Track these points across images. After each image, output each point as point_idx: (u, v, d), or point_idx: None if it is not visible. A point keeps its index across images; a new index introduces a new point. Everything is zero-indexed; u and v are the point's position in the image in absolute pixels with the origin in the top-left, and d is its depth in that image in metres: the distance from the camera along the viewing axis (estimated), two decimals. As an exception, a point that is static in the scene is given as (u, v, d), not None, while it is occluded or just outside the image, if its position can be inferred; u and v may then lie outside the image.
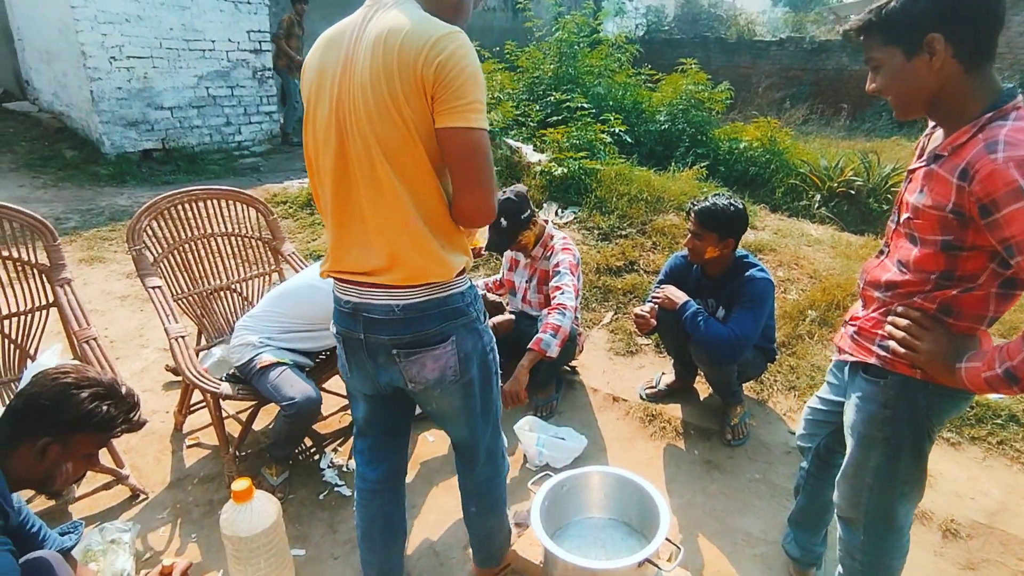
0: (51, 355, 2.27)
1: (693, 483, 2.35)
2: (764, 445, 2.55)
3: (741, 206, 2.32)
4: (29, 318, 2.36)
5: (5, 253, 2.29)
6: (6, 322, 2.32)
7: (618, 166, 4.82)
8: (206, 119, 6.94)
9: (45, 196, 5.58)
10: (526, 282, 2.84)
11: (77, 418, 1.32)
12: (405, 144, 1.19)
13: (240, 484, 1.70)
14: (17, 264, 2.33)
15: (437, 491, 2.31)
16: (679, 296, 2.39)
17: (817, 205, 5.24)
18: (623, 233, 4.10)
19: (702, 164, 5.57)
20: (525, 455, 2.48)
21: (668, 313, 2.42)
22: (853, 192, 5.26)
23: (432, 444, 2.56)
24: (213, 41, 6.79)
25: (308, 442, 2.58)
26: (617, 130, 5.41)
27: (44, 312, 2.39)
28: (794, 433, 2.22)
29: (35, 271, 2.38)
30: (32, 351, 2.37)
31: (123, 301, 3.77)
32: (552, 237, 2.73)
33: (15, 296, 2.33)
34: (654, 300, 2.46)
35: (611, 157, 5.05)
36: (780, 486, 2.32)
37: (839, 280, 3.60)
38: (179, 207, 2.58)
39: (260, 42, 7.20)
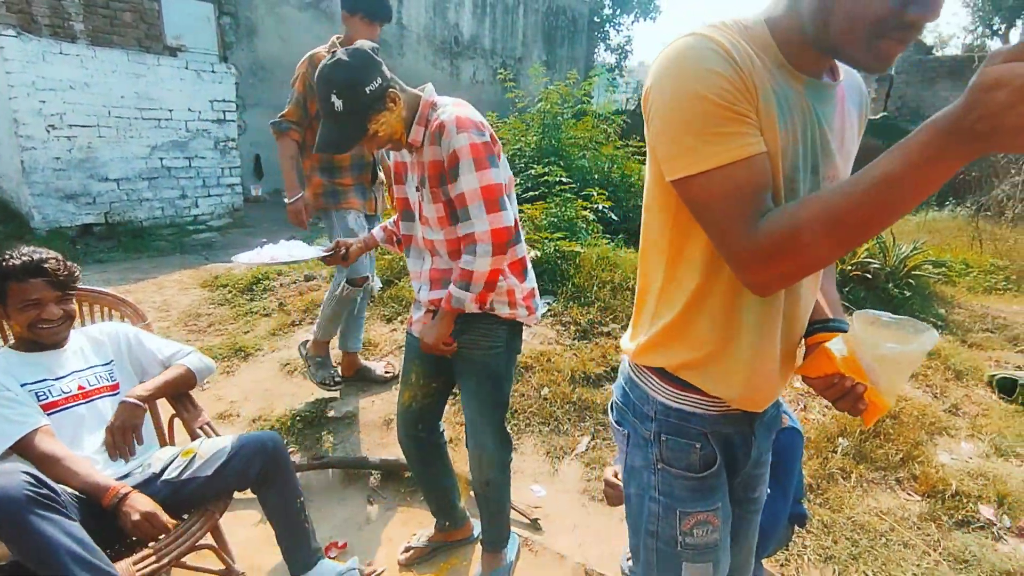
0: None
1: None
2: (800, 662, 1.77)
3: None
4: None
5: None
6: None
7: (601, 248, 4.20)
8: (158, 191, 6.39)
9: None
10: (416, 191, 1.70)
11: None
12: None
13: None
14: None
15: None
16: None
17: (829, 292, 4.60)
18: (605, 330, 3.41)
19: (698, 244, 4.96)
20: None
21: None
22: (869, 276, 4.63)
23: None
24: (171, 110, 6.33)
25: None
26: (601, 206, 4.85)
27: None
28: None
29: None
30: None
31: None
32: (434, 107, 1.61)
33: None
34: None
35: (594, 237, 4.45)
36: None
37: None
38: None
39: (224, 112, 6.77)
